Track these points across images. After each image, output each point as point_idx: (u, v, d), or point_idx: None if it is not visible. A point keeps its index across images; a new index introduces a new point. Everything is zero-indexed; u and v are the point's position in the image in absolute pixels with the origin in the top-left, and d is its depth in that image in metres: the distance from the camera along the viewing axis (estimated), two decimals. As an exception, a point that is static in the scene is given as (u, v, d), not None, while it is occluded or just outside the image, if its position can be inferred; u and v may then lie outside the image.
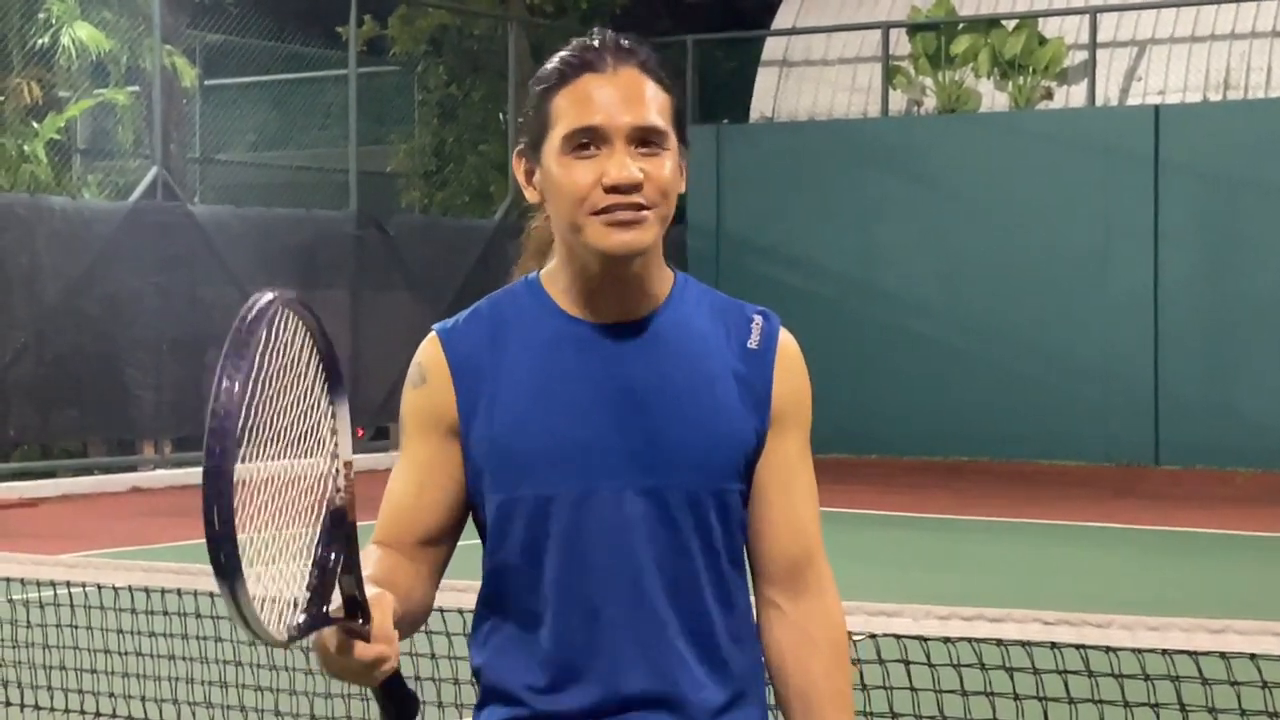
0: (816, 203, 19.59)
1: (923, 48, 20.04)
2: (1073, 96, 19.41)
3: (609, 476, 2.37)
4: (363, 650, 2.13)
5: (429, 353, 2.45)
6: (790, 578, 2.47)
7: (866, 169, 19.50)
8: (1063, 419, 18.31)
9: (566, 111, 2.36)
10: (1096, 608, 5.34)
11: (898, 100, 20.25)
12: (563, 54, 2.41)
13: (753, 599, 2.50)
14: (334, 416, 2.19)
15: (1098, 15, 19.12)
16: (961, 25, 19.93)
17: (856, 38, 20.79)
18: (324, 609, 2.11)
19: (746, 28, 23.67)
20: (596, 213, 2.34)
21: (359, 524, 2.17)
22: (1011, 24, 19.69)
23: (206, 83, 20.60)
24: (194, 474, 16.94)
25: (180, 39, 18.71)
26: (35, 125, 17.44)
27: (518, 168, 2.45)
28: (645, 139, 2.36)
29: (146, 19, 17.58)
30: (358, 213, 18.86)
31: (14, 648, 6.29)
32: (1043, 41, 19.49)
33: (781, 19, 21.56)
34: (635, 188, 2.34)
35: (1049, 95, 19.53)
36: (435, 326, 2.49)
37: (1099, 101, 19.08)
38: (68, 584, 5.77)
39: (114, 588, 5.81)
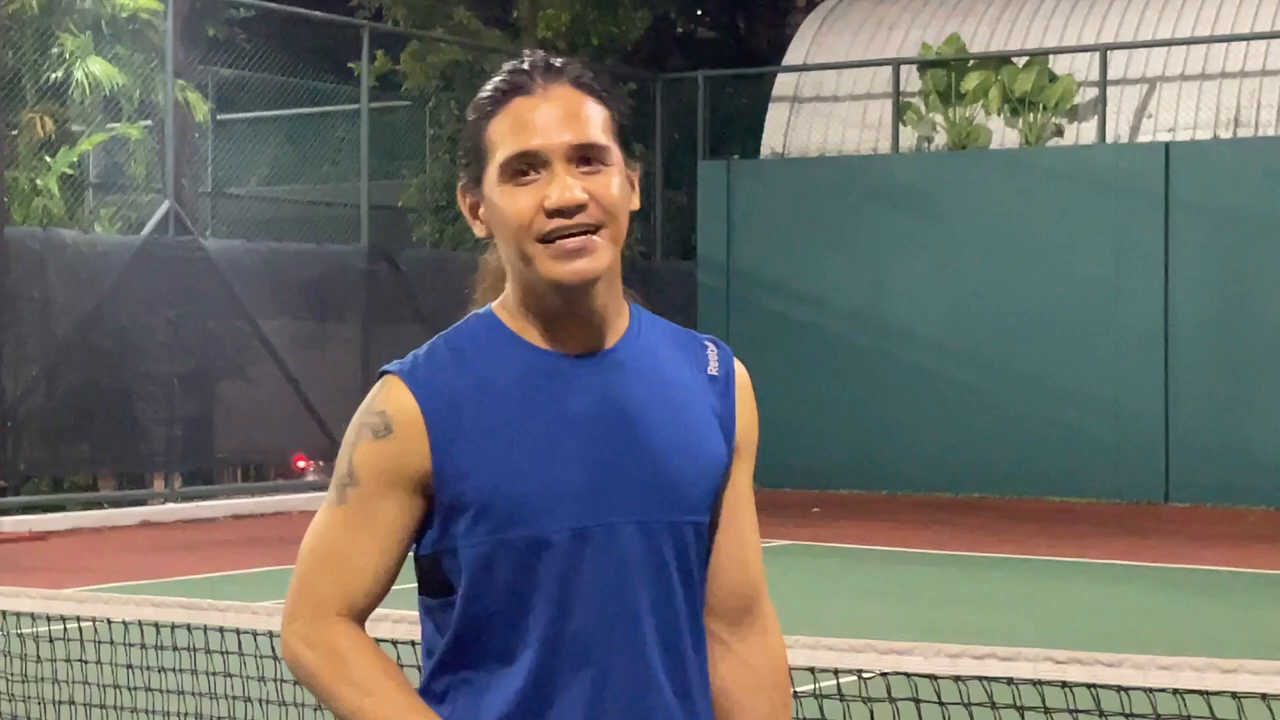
0: (827, 238, 19.60)
1: (933, 84, 20.08)
2: (1083, 133, 19.42)
3: (605, 513, 2.25)
4: None
5: (396, 400, 2.27)
6: (737, 613, 2.41)
7: (877, 205, 19.51)
8: (1073, 455, 18.28)
9: (502, 138, 2.25)
10: (1108, 646, 5.31)
11: (908, 136, 20.27)
12: (494, 80, 2.30)
13: None
14: None
15: (1108, 52, 19.15)
16: (972, 62, 19.96)
17: (867, 74, 20.82)
18: None
19: (758, 64, 23.75)
20: (543, 240, 2.22)
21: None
22: (1022, 61, 19.71)
23: (219, 117, 20.65)
24: (204, 508, 17.09)
25: (193, 74, 18.77)
26: (48, 159, 17.48)
27: (463, 203, 2.34)
28: (586, 157, 2.24)
29: (160, 54, 17.64)
30: (369, 247, 18.89)
31: (23, 682, 6.28)
32: (1053, 78, 19.52)
33: (792, 55, 21.61)
34: (579, 208, 2.22)
35: (1059, 132, 19.55)
36: (393, 369, 2.31)
37: (1109, 138, 19.09)
38: (77, 619, 5.76)
39: (123, 622, 5.79)
